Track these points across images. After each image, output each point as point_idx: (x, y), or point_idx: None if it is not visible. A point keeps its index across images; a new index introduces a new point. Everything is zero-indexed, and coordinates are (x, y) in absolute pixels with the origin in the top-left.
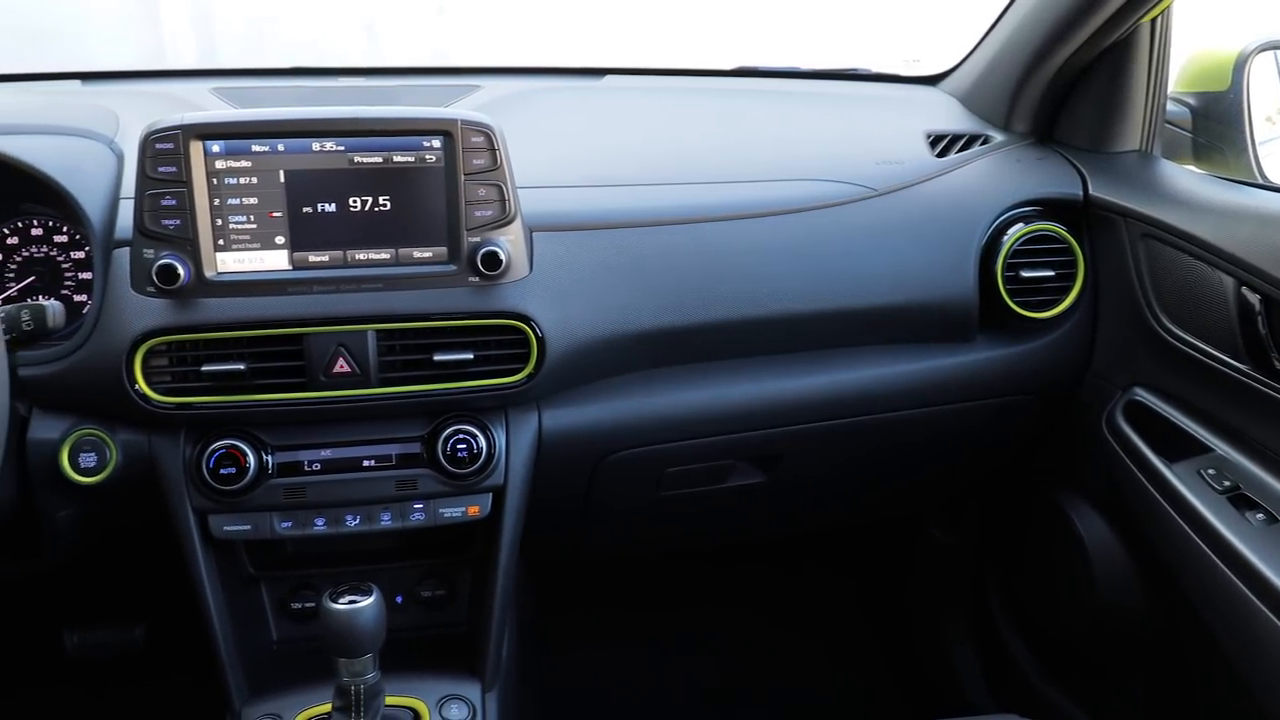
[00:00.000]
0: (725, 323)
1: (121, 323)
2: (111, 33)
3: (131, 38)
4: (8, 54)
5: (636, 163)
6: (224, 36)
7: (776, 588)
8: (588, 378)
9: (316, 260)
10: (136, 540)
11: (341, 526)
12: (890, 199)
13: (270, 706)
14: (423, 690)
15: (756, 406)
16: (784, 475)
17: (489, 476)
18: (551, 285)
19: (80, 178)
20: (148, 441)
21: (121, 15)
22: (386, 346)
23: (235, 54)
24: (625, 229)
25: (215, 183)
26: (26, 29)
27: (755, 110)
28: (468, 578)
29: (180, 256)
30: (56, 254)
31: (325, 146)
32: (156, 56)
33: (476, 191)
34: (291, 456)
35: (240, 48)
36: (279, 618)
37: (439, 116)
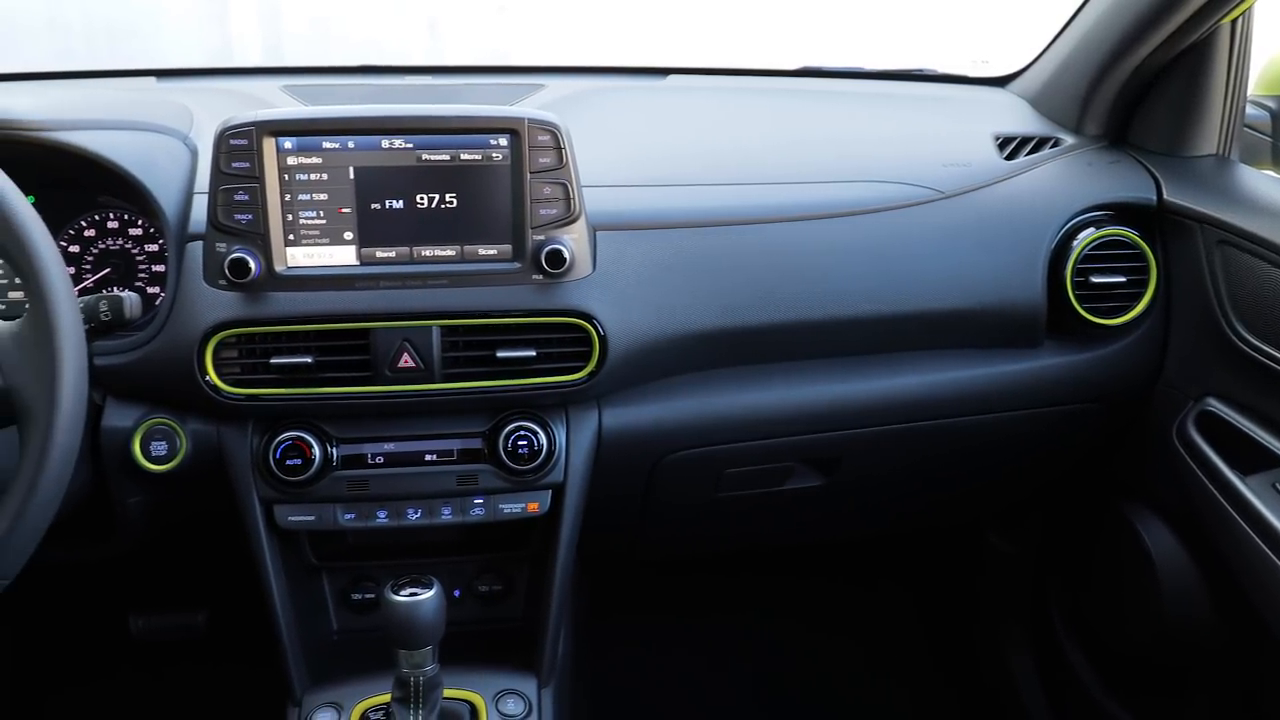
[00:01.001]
0: (787, 324)
1: (194, 315)
2: (181, 31)
3: (200, 36)
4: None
5: (700, 162)
6: (289, 35)
7: (829, 596)
8: (648, 377)
9: (383, 256)
10: (202, 528)
11: (403, 519)
12: (957, 201)
13: (330, 695)
14: (479, 684)
15: (817, 409)
16: (843, 479)
17: (549, 473)
18: (614, 284)
19: (156, 172)
20: (217, 432)
21: (191, 14)
22: (450, 342)
23: (299, 52)
24: (689, 229)
25: (287, 178)
26: (102, 27)
27: (819, 111)
28: (524, 573)
29: (252, 251)
30: (131, 247)
31: (394, 144)
32: (224, 54)
33: (542, 190)
34: (355, 449)
35: (304, 46)
36: (339, 608)
37: (506, 115)
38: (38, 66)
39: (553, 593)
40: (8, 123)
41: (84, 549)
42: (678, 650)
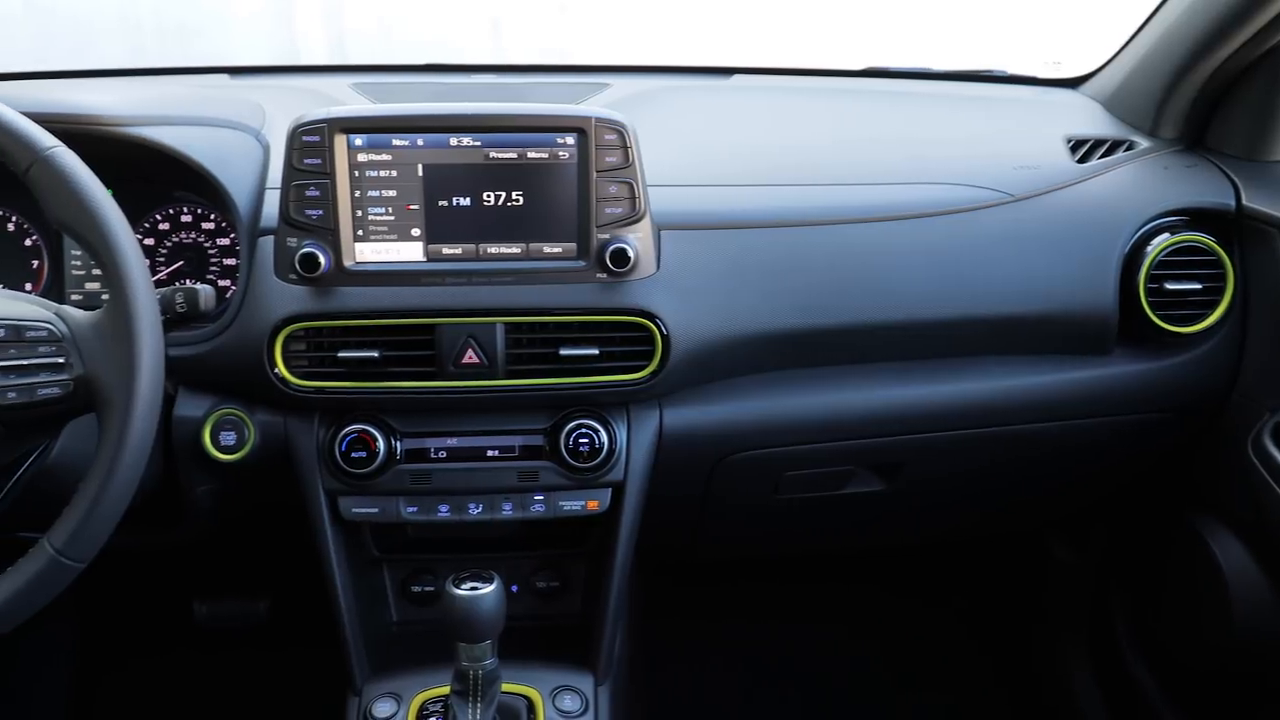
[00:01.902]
0: (851, 327)
1: (264, 308)
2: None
3: (267, 35)
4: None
5: (765, 162)
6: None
7: (883, 604)
8: (710, 377)
9: (450, 253)
10: (265, 519)
11: (464, 514)
12: (1028, 205)
13: (390, 685)
14: (536, 679)
15: (879, 413)
16: (904, 484)
17: (609, 471)
18: (678, 284)
19: (230, 168)
20: (284, 423)
21: (258, 14)
22: (514, 339)
23: (363, 51)
24: (753, 229)
25: (357, 175)
26: (173, 27)
27: (886, 111)
28: (582, 571)
29: (322, 245)
30: (204, 240)
31: (462, 141)
32: (290, 53)
33: (608, 189)
34: (419, 444)
35: (368, 45)
36: (399, 600)
37: (574, 114)
38: (111, 64)
39: (611, 591)
40: (90, 118)
41: (153, 536)
42: (729, 655)
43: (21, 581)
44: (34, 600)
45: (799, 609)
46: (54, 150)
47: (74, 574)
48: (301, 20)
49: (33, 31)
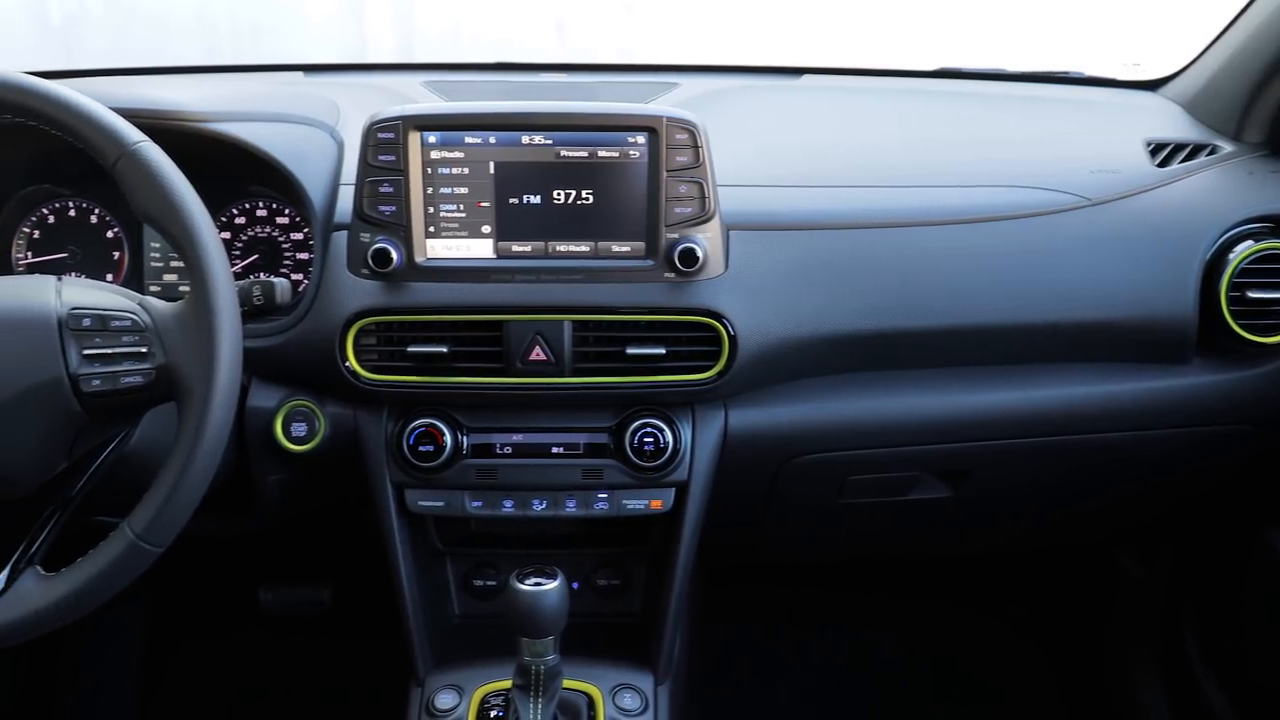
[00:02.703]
0: (921, 331)
1: (337, 302)
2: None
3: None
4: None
5: (835, 163)
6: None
7: (945, 616)
8: (777, 379)
9: (519, 250)
10: (332, 508)
11: (529, 510)
12: (1105, 209)
13: (452, 678)
14: (597, 677)
15: (947, 419)
16: (970, 491)
17: (673, 471)
18: (746, 284)
19: (306, 164)
20: (354, 415)
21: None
22: (581, 337)
23: (430, 51)
24: (822, 230)
25: (430, 172)
26: (247, 26)
27: (958, 113)
28: (643, 570)
29: (394, 241)
30: (278, 235)
31: (534, 140)
32: (359, 52)
33: (677, 188)
34: (485, 439)
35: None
36: (461, 593)
37: (645, 113)
38: (187, 62)
39: (673, 590)
40: (172, 113)
41: (224, 523)
42: (783, 661)
43: (103, 564)
44: (114, 582)
45: (859, 618)
46: (140, 145)
47: (153, 558)
48: (372, 21)
49: (113, 29)
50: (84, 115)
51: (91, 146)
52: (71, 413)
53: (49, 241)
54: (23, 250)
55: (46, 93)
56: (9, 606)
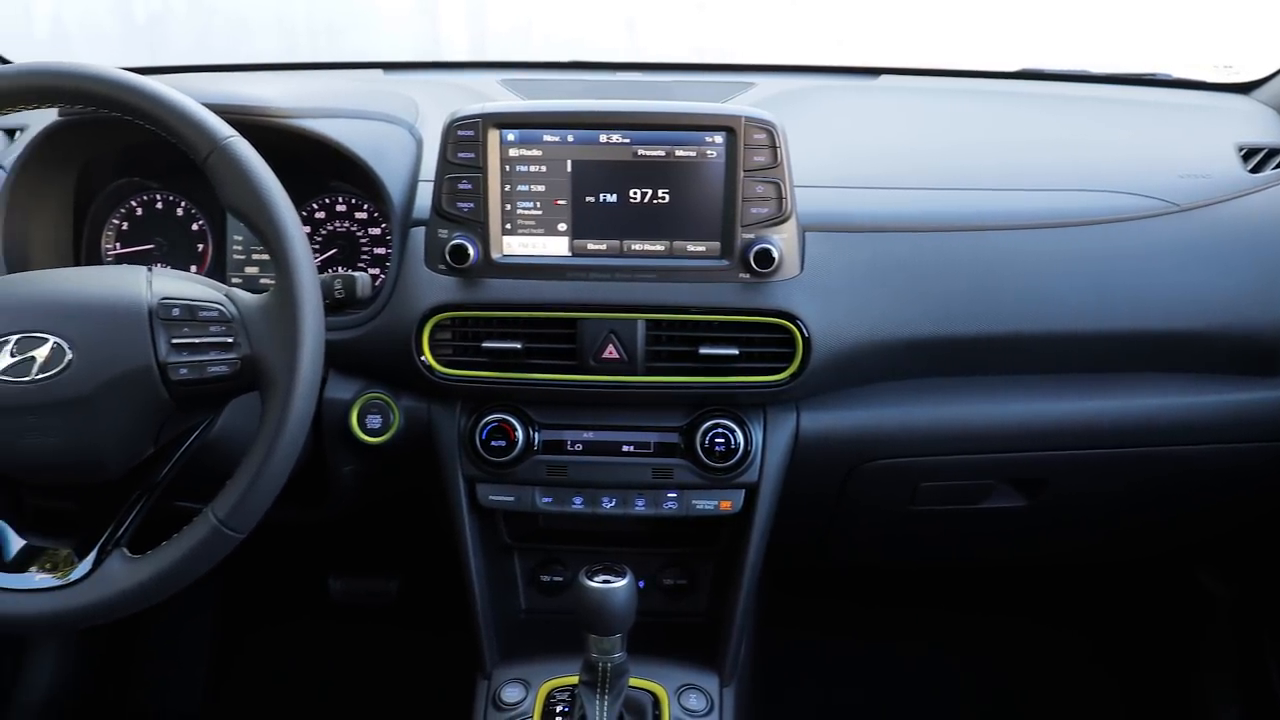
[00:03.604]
0: (999, 337)
1: (414, 297)
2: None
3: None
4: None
5: (914, 165)
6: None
7: (1011, 631)
8: (850, 382)
9: (595, 248)
10: (403, 501)
11: (598, 507)
12: (1194, 215)
13: (518, 671)
14: (662, 676)
15: (1024, 427)
16: (1047, 502)
17: (744, 473)
18: (821, 286)
19: (386, 160)
20: (427, 409)
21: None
22: (654, 336)
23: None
24: (900, 233)
25: (508, 169)
26: (324, 25)
27: (1040, 115)
28: (709, 570)
29: (471, 238)
30: (356, 230)
31: (611, 139)
32: (432, 51)
33: (754, 188)
34: (556, 435)
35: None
36: (528, 588)
37: (724, 113)
38: (266, 59)
39: (740, 592)
40: (259, 109)
41: (299, 512)
42: (848, 674)
43: (187, 548)
44: (197, 566)
45: (916, 629)
46: (231, 140)
47: (234, 544)
48: (445, 20)
49: (195, 27)
50: (178, 111)
51: (184, 141)
52: (159, 400)
53: (137, 233)
54: (112, 241)
55: (143, 88)
56: (96, 587)
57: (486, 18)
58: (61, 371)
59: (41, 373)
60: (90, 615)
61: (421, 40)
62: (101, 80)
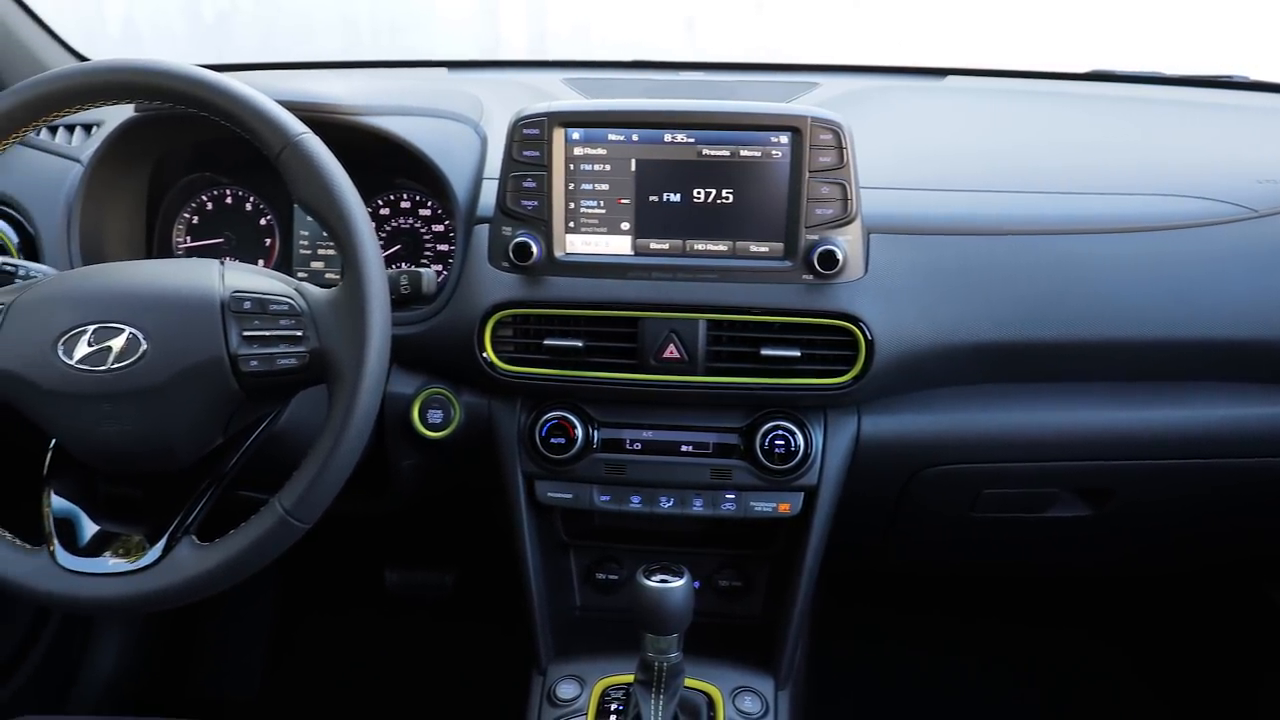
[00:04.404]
0: (1065, 343)
1: (476, 294)
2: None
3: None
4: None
5: (981, 167)
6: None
7: (1071, 646)
8: (913, 386)
9: (657, 248)
10: (460, 496)
11: (656, 506)
12: (1271, 221)
13: (573, 668)
14: (717, 677)
15: (1090, 435)
16: (1113, 512)
17: (803, 475)
18: (885, 288)
19: (451, 158)
20: (488, 405)
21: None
22: (715, 336)
23: (561, 49)
24: (965, 236)
25: (572, 168)
26: (386, 24)
27: (1111, 117)
28: (765, 572)
29: (535, 235)
30: (420, 226)
31: (676, 138)
32: (492, 50)
33: (819, 189)
34: (615, 434)
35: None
36: (583, 586)
37: (790, 113)
38: (330, 57)
39: (798, 595)
40: (327, 106)
41: (360, 504)
42: (900, 683)
43: (254, 537)
44: (264, 555)
45: (980, 644)
46: (303, 136)
47: (300, 534)
48: (505, 19)
49: (261, 26)
50: (253, 107)
51: (257, 137)
52: (229, 391)
53: (206, 227)
54: (182, 235)
55: (219, 85)
56: (166, 573)
57: (546, 18)
58: (136, 361)
59: (117, 362)
60: (160, 600)
61: (482, 40)
62: (180, 77)
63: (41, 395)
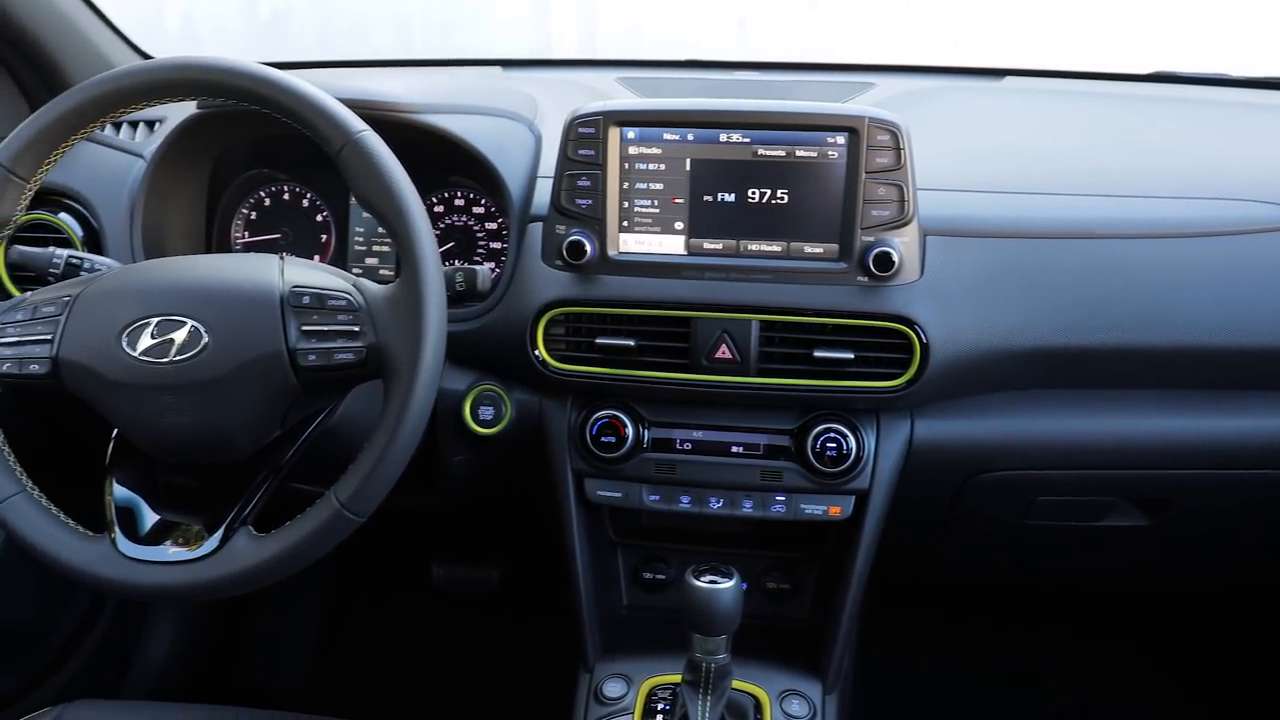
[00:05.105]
0: (1126, 349)
1: (529, 292)
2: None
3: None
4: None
5: (1040, 170)
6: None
7: (1111, 658)
8: (967, 390)
9: (710, 248)
10: (508, 493)
11: (705, 507)
12: None
13: (620, 667)
14: (764, 680)
15: (1148, 443)
16: (1171, 522)
17: (854, 479)
18: (941, 291)
19: (506, 156)
20: (539, 403)
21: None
22: (768, 337)
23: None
24: (1024, 239)
25: (627, 167)
26: (439, 22)
27: (1174, 120)
28: (814, 575)
29: (589, 234)
30: (473, 224)
31: (731, 138)
32: (544, 49)
33: (876, 190)
34: (665, 433)
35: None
36: (630, 585)
37: (847, 113)
38: (382, 55)
39: (847, 600)
40: (386, 104)
41: (410, 498)
42: (945, 692)
43: (310, 529)
44: (318, 547)
45: (1017, 650)
46: (363, 134)
47: (354, 527)
48: (557, 19)
49: (316, 24)
50: (314, 105)
51: (318, 134)
52: (288, 384)
53: (264, 222)
54: (240, 230)
55: (282, 83)
56: (224, 562)
57: (597, 17)
58: (198, 354)
59: (179, 354)
60: (218, 588)
61: (533, 39)
62: (245, 75)
63: (106, 386)
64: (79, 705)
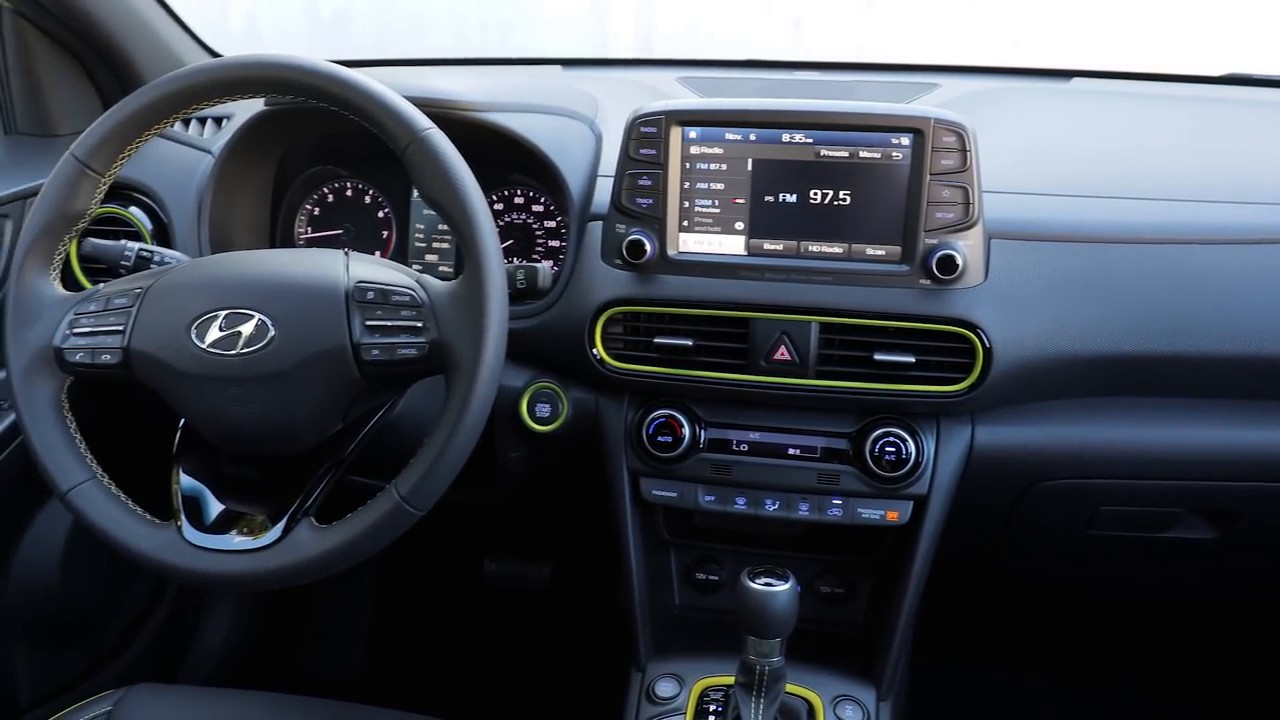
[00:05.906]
0: (1193, 357)
1: (589, 290)
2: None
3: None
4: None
5: (1108, 173)
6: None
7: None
8: (1030, 396)
9: (771, 248)
10: (563, 490)
11: (760, 509)
12: None
13: (672, 667)
14: (818, 684)
15: (1216, 455)
16: (1241, 536)
17: (913, 484)
18: (1005, 295)
19: (567, 155)
20: (595, 401)
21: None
22: (827, 340)
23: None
24: (1091, 243)
25: (688, 167)
26: (495, 21)
27: (1247, 123)
28: (869, 580)
29: (648, 233)
30: (533, 222)
31: (794, 138)
32: (600, 49)
33: (940, 193)
34: (722, 434)
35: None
36: (682, 585)
37: (912, 114)
38: (440, 53)
39: (903, 606)
40: (450, 103)
41: (466, 494)
42: (999, 705)
43: (370, 521)
44: (379, 539)
45: (1073, 664)
46: (429, 131)
47: (414, 520)
48: (614, 18)
49: (375, 23)
50: (382, 103)
51: (385, 132)
52: (351, 378)
53: (327, 218)
54: (304, 225)
55: (350, 81)
56: (287, 552)
57: (654, 17)
58: (264, 347)
59: (246, 347)
60: (280, 578)
61: (591, 38)
62: (315, 73)
63: (175, 377)
64: (140, 689)
